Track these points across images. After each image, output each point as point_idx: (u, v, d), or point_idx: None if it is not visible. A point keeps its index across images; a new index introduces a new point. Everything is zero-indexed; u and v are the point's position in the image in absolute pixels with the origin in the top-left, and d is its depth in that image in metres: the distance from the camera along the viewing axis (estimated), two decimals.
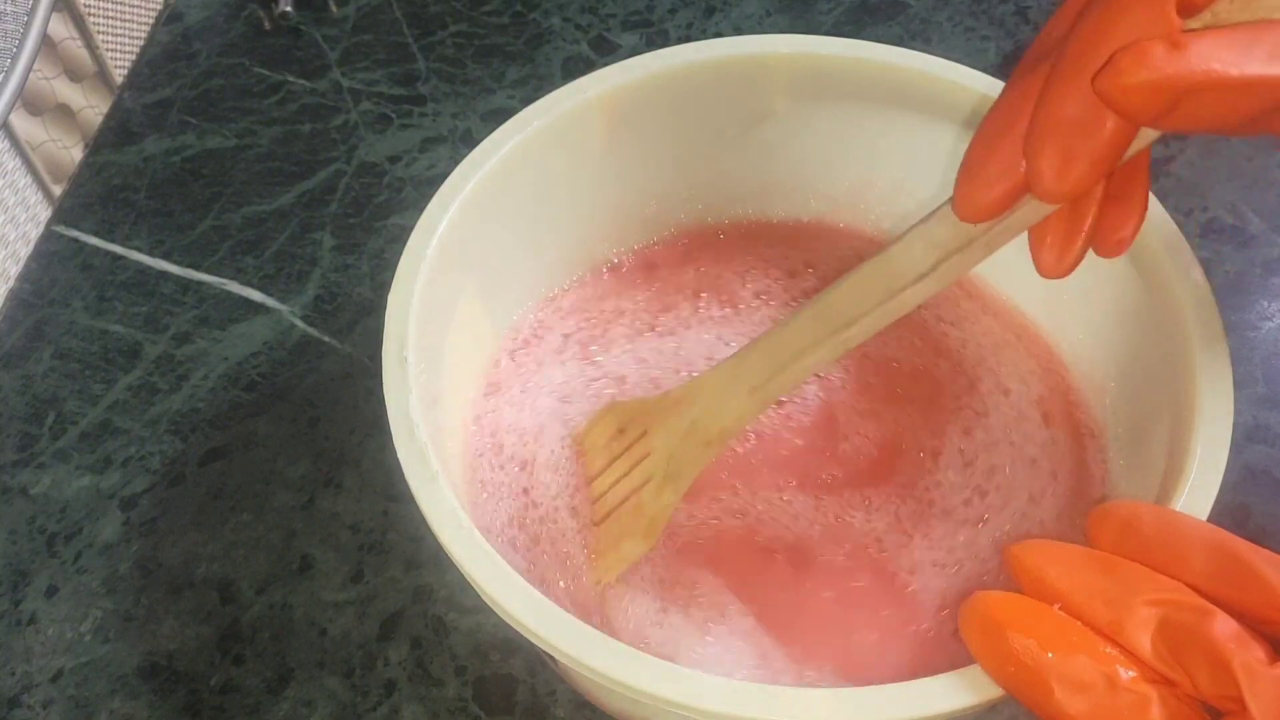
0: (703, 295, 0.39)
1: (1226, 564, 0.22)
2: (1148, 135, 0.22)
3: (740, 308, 0.39)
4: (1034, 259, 0.25)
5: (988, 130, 0.24)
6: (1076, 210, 0.24)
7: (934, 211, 0.26)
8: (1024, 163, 0.22)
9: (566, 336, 0.38)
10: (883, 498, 0.34)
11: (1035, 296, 0.37)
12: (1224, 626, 0.21)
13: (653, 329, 0.38)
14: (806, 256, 0.40)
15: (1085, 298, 0.35)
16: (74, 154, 0.54)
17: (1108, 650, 0.22)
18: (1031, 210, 0.24)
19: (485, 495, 0.34)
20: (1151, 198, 0.32)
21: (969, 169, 0.24)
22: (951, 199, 0.25)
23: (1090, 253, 0.30)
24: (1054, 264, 0.25)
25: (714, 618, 0.32)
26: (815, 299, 0.29)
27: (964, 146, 0.36)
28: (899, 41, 0.56)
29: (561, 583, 0.33)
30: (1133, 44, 0.20)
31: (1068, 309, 0.36)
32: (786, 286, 0.39)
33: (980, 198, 0.24)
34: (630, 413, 0.34)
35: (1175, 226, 0.32)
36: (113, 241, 0.51)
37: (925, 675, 0.24)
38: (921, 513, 0.34)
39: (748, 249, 0.40)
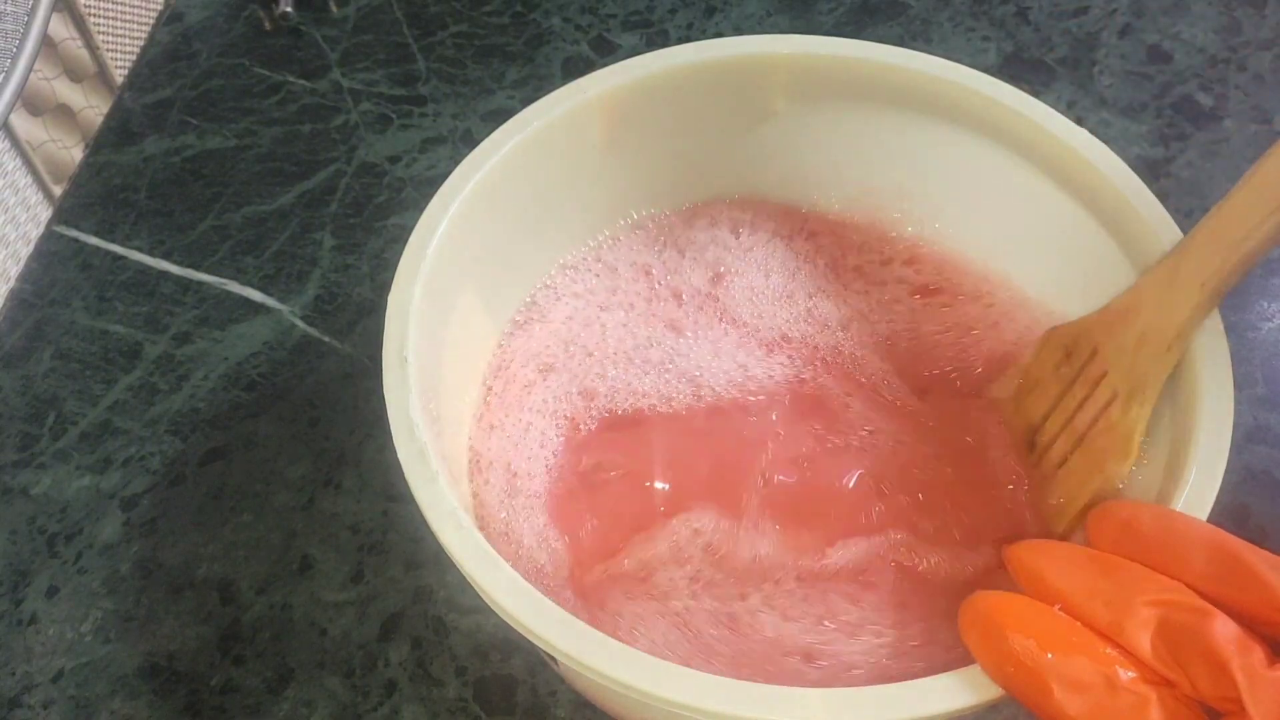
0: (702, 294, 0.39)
1: (1226, 565, 0.22)
2: None
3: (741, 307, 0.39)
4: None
5: None
6: None
7: None
8: None
9: (566, 336, 0.38)
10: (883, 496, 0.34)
11: (1036, 297, 0.37)
12: (1223, 628, 0.21)
13: (653, 328, 0.38)
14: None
15: (1085, 298, 0.35)
16: (74, 154, 0.54)
17: (1107, 651, 0.22)
18: None
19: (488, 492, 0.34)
20: (1152, 198, 0.32)
21: None
22: None
23: (1089, 253, 0.30)
24: None
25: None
26: (1247, 174, 0.27)
27: (963, 146, 0.36)
28: (899, 41, 0.56)
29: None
30: None
31: (1067, 309, 0.36)
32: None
33: None
34: (1073, 334, 0.33)
35: (1176, 227, 0.32)
36: (113, 241, 0.51)
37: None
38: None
39: None
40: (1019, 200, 0.36)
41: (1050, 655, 0.23)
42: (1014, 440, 0.35)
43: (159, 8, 0.60)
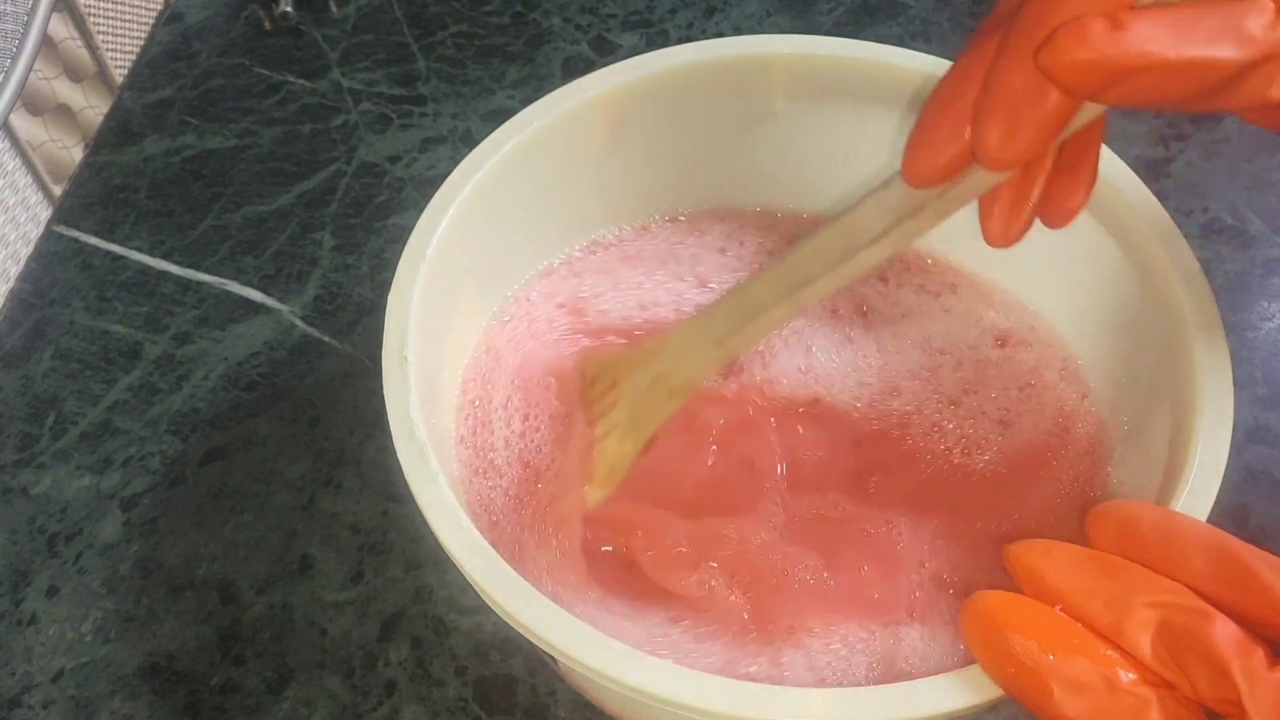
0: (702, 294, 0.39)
1: (1226, 566, 0.22)
2: (1093, 109, 0.23)
3: None
4: (982, 227, 0.26)
5: (939, 98, 0.24)
6: (1025, 180, 0.25)
7: (889, 178, 0.27)
8: (970, 131, 0.23)
9: (565, 335, 0.38)
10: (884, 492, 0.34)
11: (1036, 297, 0.37)
12: (1223, 629, 0.21)
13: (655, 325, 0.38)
14: None
15: (1085, 298, 0.35)
16: (74, 154, 0.54)
17: (1108, 652, 0.22)
18: (981, 179, 0.25)
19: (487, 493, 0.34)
20: (1152, 198, 0.32)
21: (918, 134, 0.24)
22: (901, 163, 0.25)
23: (1089, 254, 0.30)
24: (1000, 232, 0.26)
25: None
26: (777, 259, 0.30)
27: None
28: (899, 41, 0.56)
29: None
30: (1074, 20, 0.20)
31: (1067, 309, 0.36)
32: None
33: (928, 163, 0.24)
34: (603, 363, 0.35)
35: (1175, 227, 0.32)
36: (113, 241, 0.51)
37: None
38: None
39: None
40: None
41: (1051, 656, 0.22)
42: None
43: (159, 8, 0.60)
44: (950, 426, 0.36)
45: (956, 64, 0.24)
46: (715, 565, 0.32)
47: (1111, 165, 0.33)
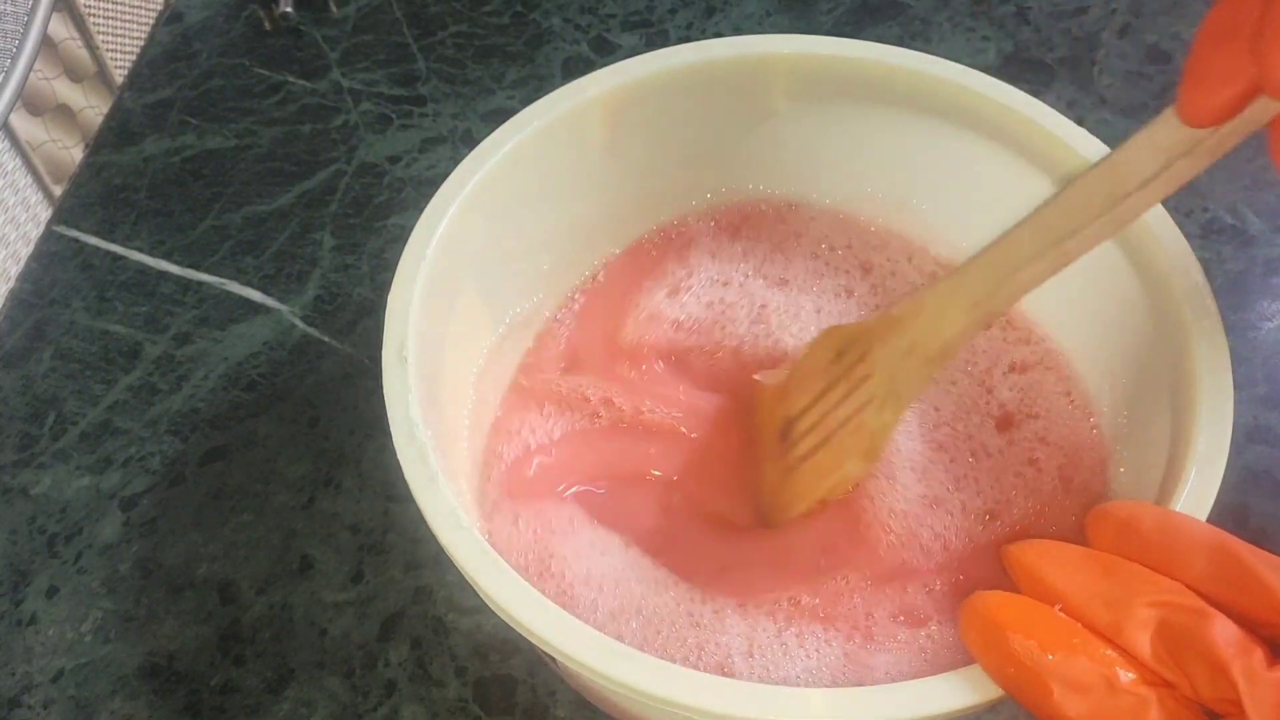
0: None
1: (1225, 566, 0.22)
2: None
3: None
4: (1272, 150, 0.24)
5: (1212, 28, 0.22)
6: None
7: (1157, 117, 0.25)
8: (1253, 63, 0.21)
9: (566, 333, 0.38)
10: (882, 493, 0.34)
11: (1036, 297, 0.37)
12: (1223, 629, 0.21)
13: (655, 324, 0.38)
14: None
15: (1085, 298, 0.35)
16: (74, 154, 0.54)
17: (1107, 652, 0.22)
18: (1261, 109, 0.23)
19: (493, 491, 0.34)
20: None
21: (1194, 72, 0.23)
22: (1176, 103, 0.24)
23: (1087, 254, 0.30)
24: None
25: None
26: (1035, 210, 0.28)
27: (963, 146, 0.36)
28: (899, 41, 0.56)
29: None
30: None
31: (1067, 310, 0.36)
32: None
33: (1208, 102, 0.23)
34: (849, 336, 0.33)
35: (1175, 226, 0.32)
36: (113, 241, 0.51)
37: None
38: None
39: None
40: (1018, 200, 0.35)
41: (1051, 656, 0.22)
42: (768, 428, 0.35)
43: (159, 8, 0.60)
44: (948, 427, 0.36)
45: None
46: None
47: None
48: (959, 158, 0.36)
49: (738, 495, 0.35)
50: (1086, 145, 0.33)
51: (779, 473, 0.34)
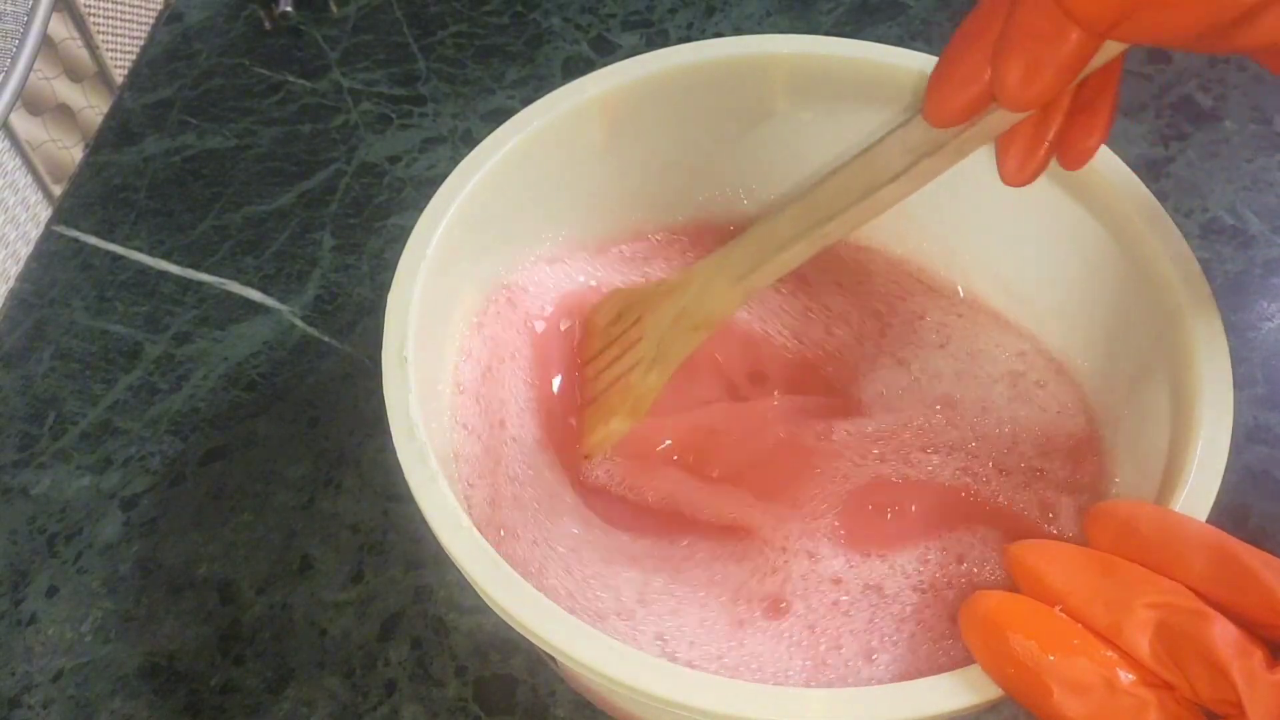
0: None
1: (1225, 566, 0.22)
2: (1113, 48, 0.23)
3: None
4: (999, 165, 0.27)
5: (960, 39, 0.25)
6: (1043, 119, 0.26)
7: (910, 117, 0.28)
8: (990, 71, 0.23)
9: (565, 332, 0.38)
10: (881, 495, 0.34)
11: (1036, 297, 0.37)
12: (1222, 631, 0.21)
13: None
14: None
15: (1085, 299, 0.35)
16: (74, 154, 0.54)
17: (1107, 653, 0.22)
18: (1000, 118, 0.25)
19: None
20: (1151, 198, 0.32)
21: (939, 74, 0.25)
22: (923, 103, 0.26)
23: (1088, 253, 0.30)
24: (1016, 170, 0.26)
25: None
26: (799, 195, 0.31)
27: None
28: (899, 41, 0.56)
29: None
30: None
31: (1068, 310, 0.36)
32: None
33: (948, 103, 0.25)
34: (629, 299, 0.36)
35: (1175, 226, 0.32)
36: (113, 241, 0.51)
37: None
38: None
39: None
40: (1018, 199, 0.36)
41: (1051, 657, 0.22)
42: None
43: (159, 8, 0.60)
44: (948, 428, 0.36)
45: (978, 5, 0.24)
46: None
47: (1111, 165, 0.33)
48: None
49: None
50: None
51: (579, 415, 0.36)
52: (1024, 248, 0.37)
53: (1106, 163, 0.33)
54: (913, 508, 0.33)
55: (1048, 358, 0.37)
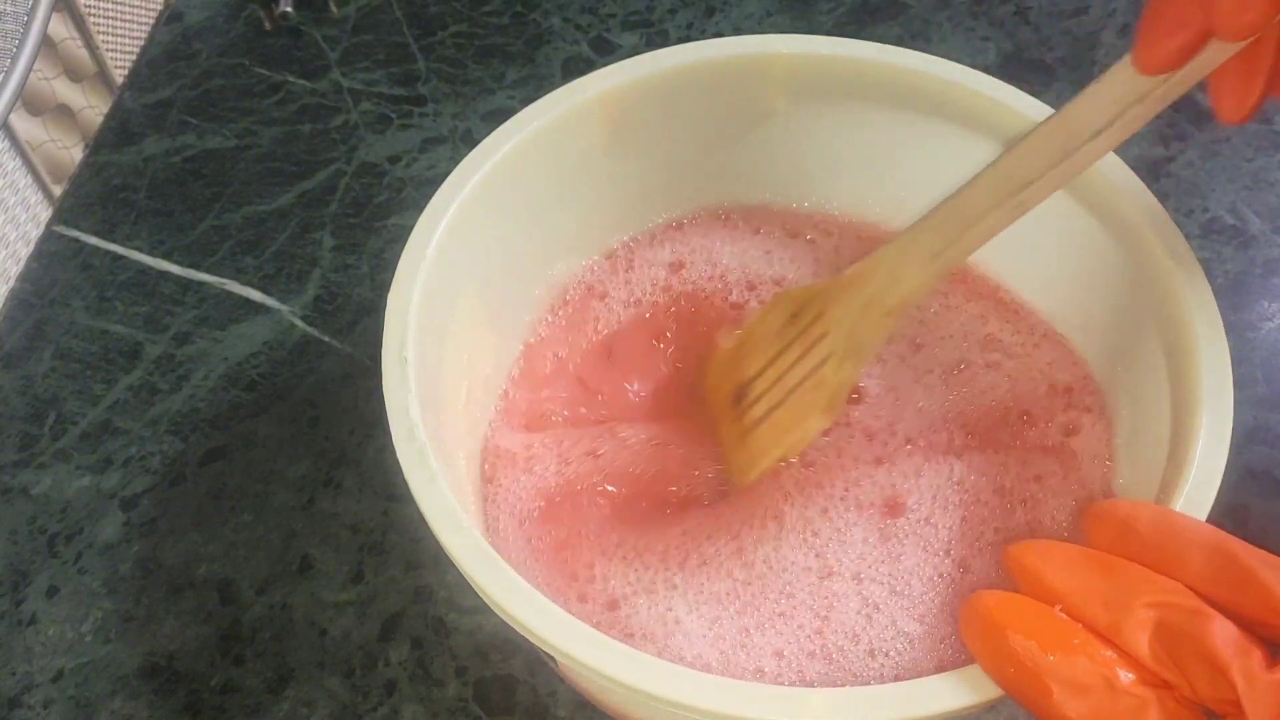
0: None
1: (1224, 566, 0.22)
2: None
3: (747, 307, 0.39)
4: (1215, 105, 0.26)
5: None
6: (1254, 53, 0.25)
7: (1109, 69, 0.27)
8: (1201, 11, 0.23)
9: (567, 335, 0.38)
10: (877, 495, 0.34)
11: (1035, 296, 0.37)
12: (1221, 630, 0.21)
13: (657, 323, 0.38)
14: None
15: (1085, 297, 0.35)
16: (74, 154, 0.54)
17: (1107, 653, 0.22)
18: (1209, 57, 0.25)
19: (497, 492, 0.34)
20: (1152, 198, 0.32)
21: (1149, 20, 0.24)
22: (1131, 52, 0.25)
23: (1090, 253, 0.30)
24: (1235, 108, 0.26)
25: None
26: (990, 164, 0.29)
27: (963, 145, 0.36)
28: (899, 42, 0.56)
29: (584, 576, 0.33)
30: None
31: (1068, 310, 0.36)
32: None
33: (1162, 48, 0.24)
34: (803, 298, 0.34)
35: (1176, 227, 0.32)
36: (113, 241, 0.51)
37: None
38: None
39: None
40: None
41: (1050, 656, 0.22)
42: (721, 391, 0.36)
43: (159, 8, 0.60)
44: (947, 425, 0.36)
45: None
46: None
47: (1111, 164, 0.33)
48: (958, 157, 0.36)
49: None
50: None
51: (736, 436, 0.35)
52: (1023, 247, 0.37)
53: (1107, 163, 0.33)
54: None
55: (1048, 357, 0.37)
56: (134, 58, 0.58)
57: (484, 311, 0.36)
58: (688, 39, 0.56)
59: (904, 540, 0.33)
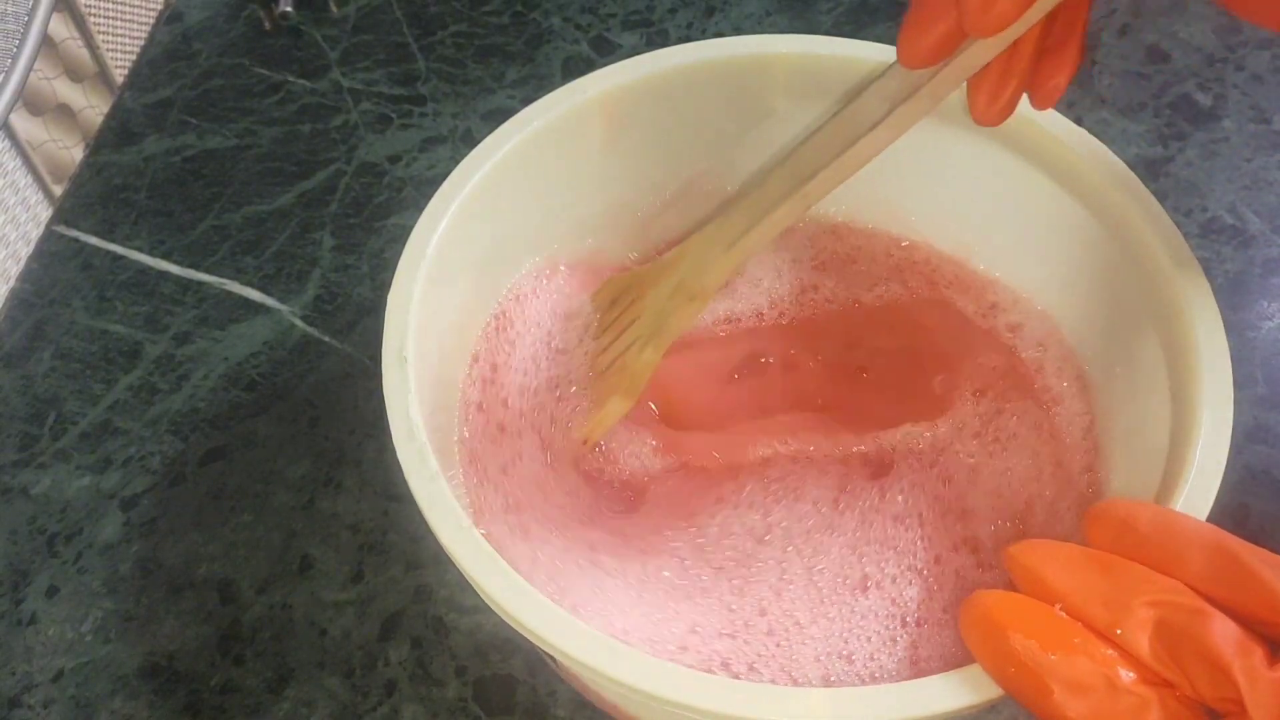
0: None
1: (1224, 565, 0.22)
2: None
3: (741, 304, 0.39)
4: (970, 104, 0.28)
5: None
6: (1012, 58, 0.27)
7: (886, 68, 0.28)
8: (954, 6, 0.24)
9: (564, 333, 0.38)
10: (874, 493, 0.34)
11: (1035, 295, 0.37)
12: (1222, 628, 0.21)
13: None
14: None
15: (1085, 296, 0.35)
16: (74, 154, 0.54)
17: (1108, 652, 0.22)
18: (970, 57, 0.26)
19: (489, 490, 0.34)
20: (1150, 197, 0.32)
21: (911, 16, 0.26)
22: (898, 50, 0.26)
23: (1090, 252, 0.30)
24: (986, 106, 0.27)
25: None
26: (784, 157, 0.31)
27: (962, 145, 0.36)
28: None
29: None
30: None
31: (1068, 310, 0.36)
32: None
33: (920, 42, 0.26)
34: (627, 281, 0.36)
35: (1174, 227, 0.32)
36: (113, 241, 0.51)
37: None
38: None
39: None
40: (1019, 199, 0.36)
41: (1051, 656, 0.22)
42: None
43: (159, 8, 0.60)
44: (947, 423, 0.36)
45: None
46: None
47: (1110, 164, 0.33)
48: (956, 157, 0.37)
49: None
50: (1085, 145, 0.33)
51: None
52: (1022, 247, 0.37)
53: (1106, 163, 0.33)
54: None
55: (1048, 357, 0.37)
56: (134, 58, 0.58)
57: (484, 310, 0.36)
58: (688, 39, 0.56)
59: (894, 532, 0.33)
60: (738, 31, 0.55)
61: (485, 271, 0.35)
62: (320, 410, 0.44)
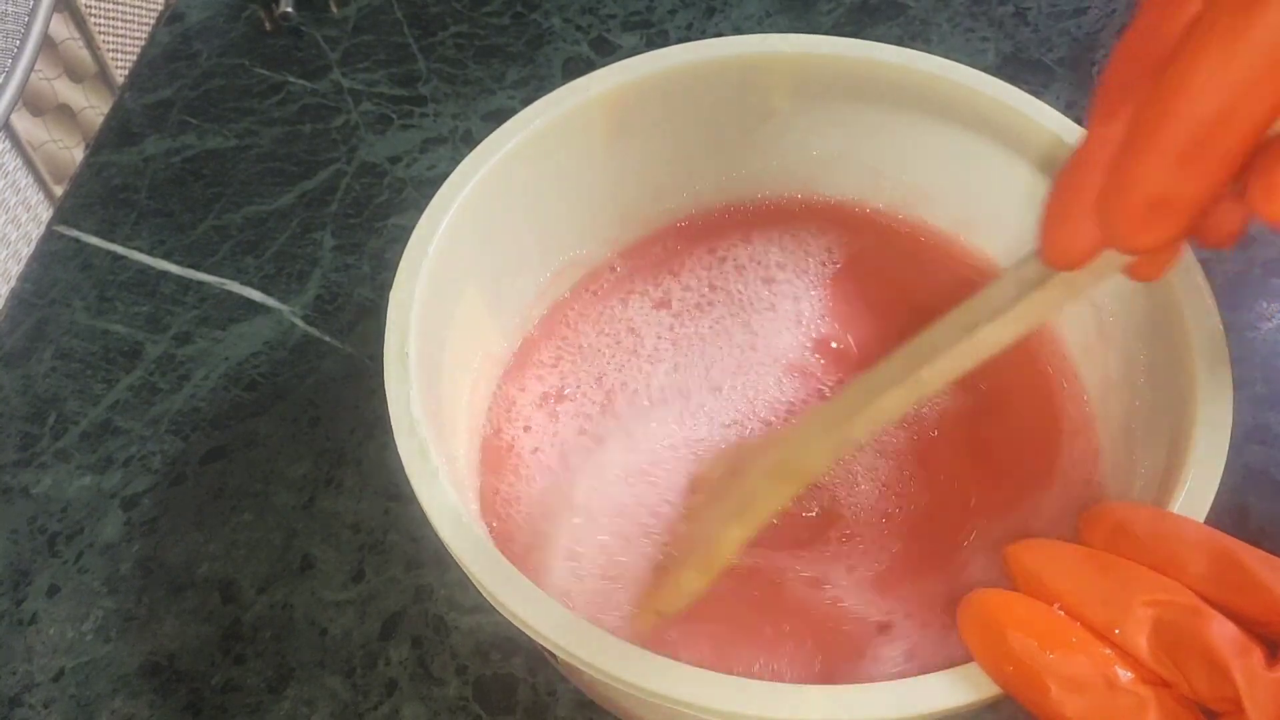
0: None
1: (1222, 566, 0.22)
2: None
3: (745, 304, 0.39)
4: (1128, 271, 0.24)
5: (1066, 178, 0.22)
6: None
7: (1026, 255, 0.25)
8: (1099, 228, 0.21)
9: (565, 339, 0.38)
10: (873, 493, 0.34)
11: None
12: (1220, 628, 0.21)
13: (657, 323, 0.38)
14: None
15: (1084, 298, 0.35)
16: (75, 154, 0.54)
17: (1106, 651, 0.22)
18: (1116, 256, 0.23)
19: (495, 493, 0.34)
20: None
21: (1052, 213, 0.22)
22: (1038, 242, 0.23)
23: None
24: (1149, 273, 0.24)
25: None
26: (899, 349, 0.28)
27: (963, 145, 0.36)
28: (899, 41, 0.55)
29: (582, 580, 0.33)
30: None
31: (1066, 309, 0.36)
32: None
33: (1065, 245, 0.22)
34: (743, 453, 0.33)
35: None
36: (113, 241, 0.51)
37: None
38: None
39: None
40: (1019, 200, 0.36)
41: (1049, 655, 0.23)
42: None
43: (159, 8, 0.60)
44: (946, 426, 0.36)
45: (1085, 138, 0.22)
46: None
47: None
48: (958, 157, 0.37)
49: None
50: None
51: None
52: (1020, 246, 0.37)
53: None
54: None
55: (1047, 357, 0.37)
56: (134, 58, 0.58)
57: (485, 310, 0.36)
58: (688, 39, 0.56)
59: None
60: (738, 32, 0.55)
61: (487, 270, 0.35)
62: (321, 410, 0.44)
